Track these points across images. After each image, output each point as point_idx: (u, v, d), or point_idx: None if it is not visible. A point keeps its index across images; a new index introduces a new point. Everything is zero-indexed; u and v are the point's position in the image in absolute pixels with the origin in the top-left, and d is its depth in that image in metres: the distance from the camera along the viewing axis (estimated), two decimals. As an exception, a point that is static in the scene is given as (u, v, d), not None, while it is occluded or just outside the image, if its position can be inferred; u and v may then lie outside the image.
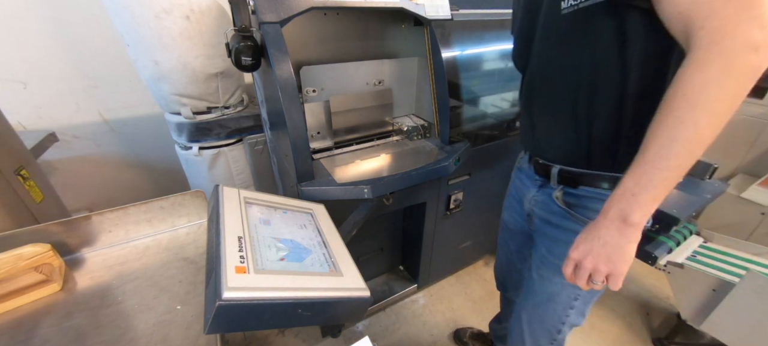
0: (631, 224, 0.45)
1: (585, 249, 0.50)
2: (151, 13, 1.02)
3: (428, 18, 1.02)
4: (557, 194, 0.65)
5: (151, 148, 1.69)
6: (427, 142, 1.18)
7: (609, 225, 0.47)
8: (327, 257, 0.62)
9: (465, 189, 1.30)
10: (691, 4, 0.39)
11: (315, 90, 1.06)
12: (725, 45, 0.37)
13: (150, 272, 0.66)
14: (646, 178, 0.43)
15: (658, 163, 0.42)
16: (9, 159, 0.84)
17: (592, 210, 0.61)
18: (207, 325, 0.43)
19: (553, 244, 0.69)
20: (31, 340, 0.52)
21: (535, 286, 0.76)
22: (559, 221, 0.66)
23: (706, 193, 1.17)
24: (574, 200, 0.64)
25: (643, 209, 0.44)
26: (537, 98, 0.67)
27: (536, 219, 0.73)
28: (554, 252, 0.68)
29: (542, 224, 0.71)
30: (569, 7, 0.52)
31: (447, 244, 1.45)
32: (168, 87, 1.18)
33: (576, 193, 0.63)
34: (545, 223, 0.70)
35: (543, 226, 0.71)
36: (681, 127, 0.40)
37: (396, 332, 1.39)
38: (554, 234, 0.68)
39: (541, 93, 0.66)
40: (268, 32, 0.81)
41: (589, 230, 0.50)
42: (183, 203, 0.79)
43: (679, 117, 0.40)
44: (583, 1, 0.50)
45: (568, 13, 0.53)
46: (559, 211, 0.66)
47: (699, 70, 0.39)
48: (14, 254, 0.57)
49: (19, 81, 1.32)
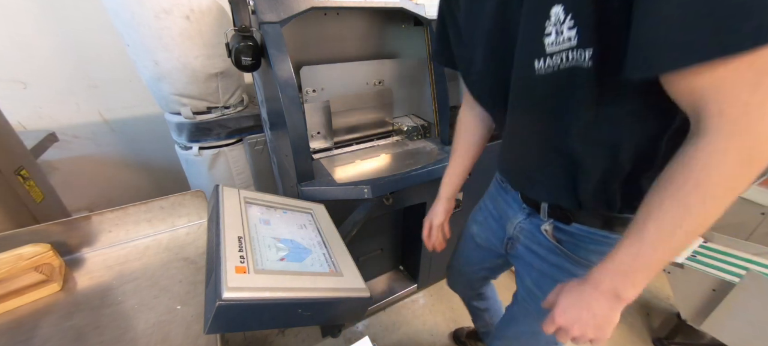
0: (623, 299, 0.43)
1: (573, 317, 0.47)
2: (151, 13, 1.02)
3: (428, 18, 1.02)
4: (547, 227, 0.60)
5: (151, 149, 1.69)
6: (427, 142, 1.18)
7: (600, 298, 0.44)
8: (327, 257, 0.63)
9: (465, 189, 1.30)
10: (709, 85, 0.32)
11: (315, 90, 1.06)
12: (747, 139, 0.32)
13: (150, 272, 0.66)
14: (642, 260, 0.40)
15: (658, 247, 0.39)
16: (9, 159, 0.84)
17: (583, 249, 0.57)
18: (207, 325, 0.43)
19: (539, 277, 0.65)
20: (31, 340, 0.52)
21: (517, 317, 0.73)
22: (546, 254, 0.62)
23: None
24: (565, 236, 0.59)
25: (638, 287, 0.42)
26: (518, 148, 0.61)
27: (520, 246, 0.69)
28: (541, 287, 0.64)
29: (527, 253, 0.67)
30: (547, 69, 0.42)
31: (448, 244, 1.45)
32: (168, 87, 1.18)
33: (567, 229, 0.58)
34: (531, 253, 0.66)
35: (528, 255, 0.66)
36: (688, 218, 0.37)
37: (396, 332, 1.39)
38: (541, 267, 0.64)
39: (522, 149, 0.59)
40: (268, 32, 0.81)
41: (578, 295, 0.46)
42: (183, 203, 0.79)
43: (687, 206, 0.36)
44: (562, 63, 0.40)
45: (544, 76, 0.43)
46: (547, 244, 0.61)
47: (716, 161, 0.34)
48: (14, 254, 0.57)
49: (19, 81, 1.32)
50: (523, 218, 0.67)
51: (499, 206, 0.75)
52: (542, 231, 0.61)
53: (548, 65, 0.41)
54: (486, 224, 0.80)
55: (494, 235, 0.77)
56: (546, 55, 0.41)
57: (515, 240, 0.70)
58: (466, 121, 0.78)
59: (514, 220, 0.69)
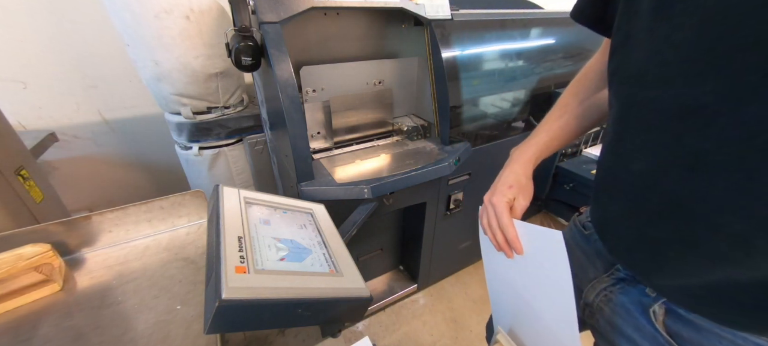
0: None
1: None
2: (151, 13, 1.02)
3: (428, 18, 1.02)
4: (657, 310, 0.43)
5: (151, 149, 1.69)
6: (427, 143, 1.18)
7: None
8: (327, 257, 0.62)
9: (465, 189, 1.30)
10: None
11: (315, 90, 1.06)
12: None
13: (150, 272, 0.66)
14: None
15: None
16: (9, 159, 0.84)
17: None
18: (207, 325, 0.43)
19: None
20: (31, 340, 0.52)
21: None
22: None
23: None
24: (684, 327, 0.40)
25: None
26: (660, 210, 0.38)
27: (603, 321, 0.50)
28: None
29: (617, 336, 0.48)
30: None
31: (447, 244, 1.45)
32: (168, 87, 1.18)
33: (688, 318, 0.40)
34: (622, 337, 0.47)
35: (618, 339, 0.48)
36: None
37: (396, 332, 1.39)
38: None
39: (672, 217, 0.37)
40: (268, 32, 0.81)
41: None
42: (183, 203, 0.79)
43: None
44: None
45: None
46: (652, 333, 0.43)
47: None
48: (14, 254, 0.57)
49: (19, 81, 1.32)
50: (609, 284, 0.49)
51: (575, 259, 0.55)
52: (649, 314, 0.43)
53: None
54: None
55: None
56: None
57: (596, 311, 0.51)
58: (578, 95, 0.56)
59: (596, 284, 0.51)
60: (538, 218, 1.88)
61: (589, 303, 0.52)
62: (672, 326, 0.41)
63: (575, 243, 0.57)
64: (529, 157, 0.53)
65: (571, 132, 0.55)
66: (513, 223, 0.46)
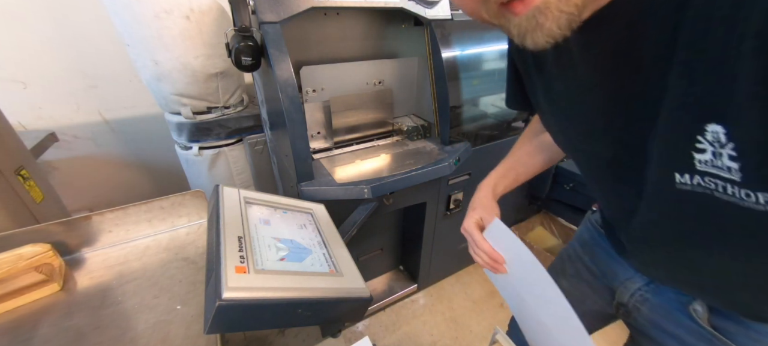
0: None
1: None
2: (151, 13, 1.02)
3: (428, 18, 1.02)
4: (697, 308, 0.43)
5: (151, 149, 1.69)
6: (427, 143, 1.18)
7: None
8: (327, 257, 0.62)
9: (465, 189, 1.30)
10: None
11: (315, 90, 1.06)
12: None
13: (150, 272, 0.66)
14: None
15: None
16: (9, 159, 0.84)
17: (755, 341, 0.40)
18: (207, 325, 0.43)
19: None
20: (31, 340, 0.52)
21: None
22: (695, 342, 0.44)
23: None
24: (729, 323, 0.41)
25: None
26: (659, 253, 0.42)
27: (642, 319, 0.51)
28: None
29: (660, 334, 0.49)
30: (689, 186, 0.30)
31: (447, 244, 1.45)
32: (168, 87, 1.18)
33: (728, 314, 0.41)
34: (665, 334, 0.48)
35: (661, 336, 0.49)
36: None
37: (396, 332, 1.39)
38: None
39: (666, 256, 0.42)
40: (268, 32, 0.81)
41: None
42: (183, 203, 0.79)
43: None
44: (715, 186, 0.28)
45: (686, 192, 0.30)
46: (696, 329, 0.44)
47: None
48: (14, 254, 0.57)
49: (19, 81, 1.32)
50: (642, 283, 0.50)
51: (598, 260, 0.56)
52: (690, 312, 0.44)
53: (697, 184, 0.29)
54: (580, 277, 0.61)
55: (596, 293, 0.58)
56: (694, 171, 0.29)
57: (633, 311, 0.52)
58: (527, 143, 0.63)
59: (628, 285, 0.51)
60: (538, 218, 1.88)
61: (624, 303, 0.53)
62: (716, 322, 0.42)
63: (595, 243, 0.57)
64: (489, 184, 0.59)
65: (528, 164, 0.61)
66: (484, 238, 0.51)
